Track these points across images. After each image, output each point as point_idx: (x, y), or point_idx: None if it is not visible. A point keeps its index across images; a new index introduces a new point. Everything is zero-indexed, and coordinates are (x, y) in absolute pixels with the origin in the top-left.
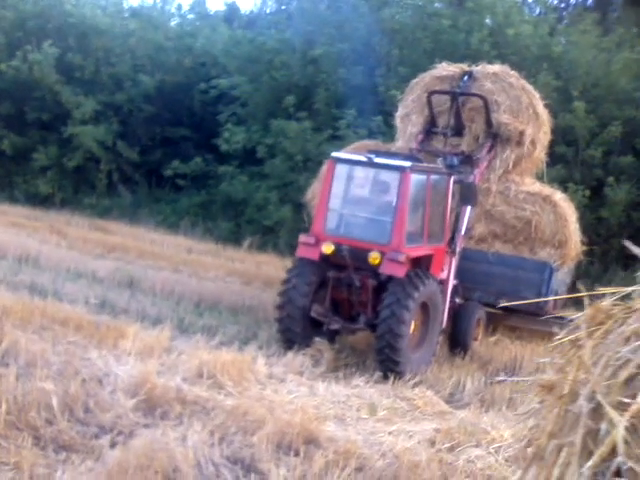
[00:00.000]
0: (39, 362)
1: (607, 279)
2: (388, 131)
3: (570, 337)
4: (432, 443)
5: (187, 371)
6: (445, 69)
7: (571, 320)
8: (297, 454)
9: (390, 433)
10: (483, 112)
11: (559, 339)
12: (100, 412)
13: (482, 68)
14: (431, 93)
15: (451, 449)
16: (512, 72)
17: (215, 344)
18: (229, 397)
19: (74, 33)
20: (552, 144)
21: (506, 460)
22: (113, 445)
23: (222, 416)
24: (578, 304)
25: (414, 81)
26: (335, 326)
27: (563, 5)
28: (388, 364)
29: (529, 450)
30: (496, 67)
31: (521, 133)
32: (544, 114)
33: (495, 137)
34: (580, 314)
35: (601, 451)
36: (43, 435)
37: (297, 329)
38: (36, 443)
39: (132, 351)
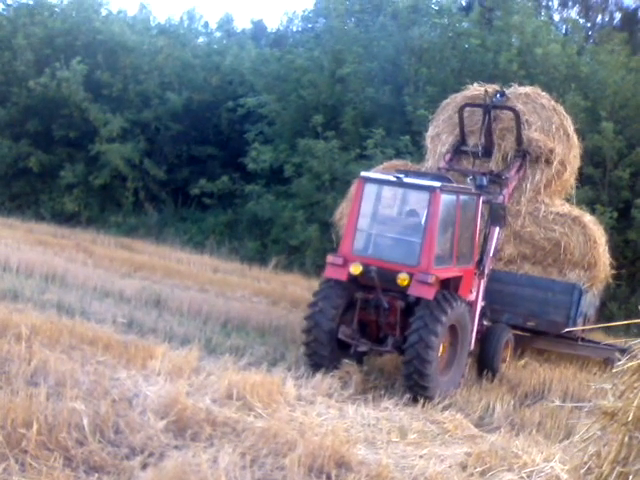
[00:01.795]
0: (69, 382)
1: (634, 302)
2: (416, 151)
3: (633, 363)
4: (464, 467)
5: (216, 392)
6: (477, 89)
7: (624, 349)
8: (329, 477)
9: (421, 457)
10: (514, 131)
11: (620, 365)
12: (130, 433)
13: (513, 89)
14: (463, 107)
15: (483, 473)
16: (543, 93)
17: (243, 365)
18: (259, 419)
19: (102, 50)
20: (580, 165)
21: None
22: (144, 466)
23: (253, 438)
24: (606, 327)
25: (445, 101)
26: (363, 348)
27: (589, 24)
28: (417, 389)
29: (589, 478)
30: (527, 88)
31: (550, 151)
32: (574, 137)
33: (524, 156)
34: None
35: None
36: (74, 456)
37: (324, 353)
38: (67, 464)
39: (161, 371)
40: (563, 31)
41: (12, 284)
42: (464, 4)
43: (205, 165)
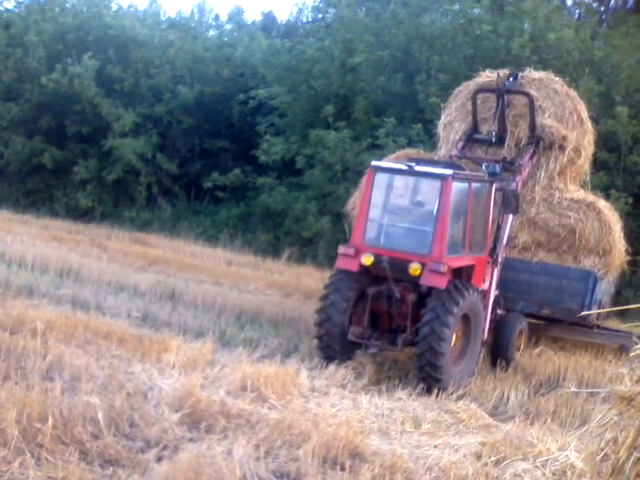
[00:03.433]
0: (84, 376)
1: None
2: (428, 139)
3: None
4: (478, 457)
5: (230, 384)
6: (489, 76)
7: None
8: (343, 468)
9: (435, 447)
10: (527, 117)
11: (638, 349)
12: (145, 426)
13: (527, 74)
14: (477, 92)
15: (497, 463)
16: (556, 79)
17: (257, 357)
18: (273, 410)
19: (114, 45)
20: (594, 151)
21: (553, 474)
22: (159, 459)
23: (267, 430)
24: (622, 314)
25: (458, 89)
26: (373, 350)
27: (603, 8)
28: (430, 381)
29: (605, 464)
30: (541, 73)
31: (564, 138)
32: (588, 122)
33: (537, 143)
34: None
35: None
36: (89, 450)
37: (336, 346)
38: (83, 458)
39: (175, 364)
40: (576, 15)
41: (27, 280)
42: None
43: (217, 158)
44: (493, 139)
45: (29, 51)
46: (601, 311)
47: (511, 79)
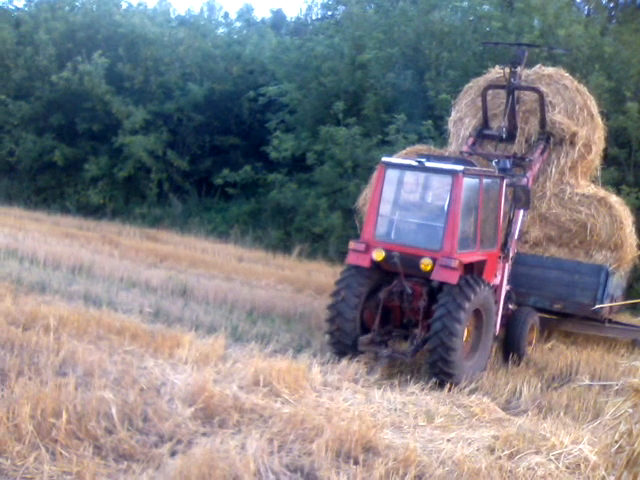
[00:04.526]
0: (97, 371)
1: None
2: (438, 136)
3: None
4: (491, 450)
5: (243, 379)
6: (498, 72)
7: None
8: (356, 462)
9: (448, 440)
10: (537, 113)
11: None
12: (159, 421)
13: (537, 70)
14: (487, 88)
15: (511, 456)
16: (566, 74)
17: (269, 352)
18: (286, 405)
19: (123, 43)
20: (605, 146)
21: (567, 467)
22: (173, 454)
23: (280, 424)
24: (634, 308)
25: (468, 85)
26: (384, 363)
27: (612, 4)
28: (442, 376)
29: (620, 456)
30: (550, 69)
31: (574, 134)
32: (598, 117)
33: (548, 139)
34: None
35: None
36: (103, 444)
37: (348, 341)
38: (97, 452)
39: (188, 359)
40: (585, 11)
41: (40, 276)
42: None
43: (228, 155)
44: (503, 135)
45: (39, 49)
46: (613, 304)
47: (518, 68)
